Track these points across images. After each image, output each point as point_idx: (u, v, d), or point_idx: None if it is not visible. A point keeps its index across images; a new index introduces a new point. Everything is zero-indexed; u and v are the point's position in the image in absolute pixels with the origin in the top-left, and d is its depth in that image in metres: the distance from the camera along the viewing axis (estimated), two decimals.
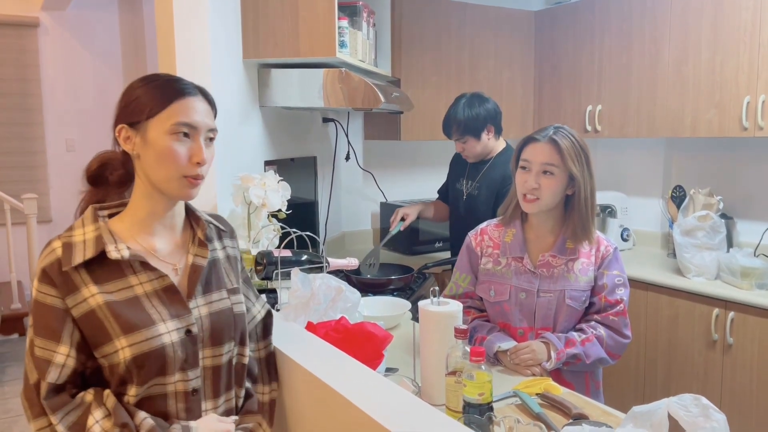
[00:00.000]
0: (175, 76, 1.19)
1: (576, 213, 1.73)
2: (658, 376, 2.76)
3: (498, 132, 2.59)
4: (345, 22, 2.34)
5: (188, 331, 1.14)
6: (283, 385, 1.33)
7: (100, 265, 1.10)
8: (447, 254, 3.10)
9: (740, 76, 2.61)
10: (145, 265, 1.14)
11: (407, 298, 2.36)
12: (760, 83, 2.54)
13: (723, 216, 2.80)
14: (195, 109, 1.14)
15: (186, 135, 1.13)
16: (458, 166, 2.79)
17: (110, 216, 1.18)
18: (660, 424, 1.09)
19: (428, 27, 3.24)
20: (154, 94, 1.13)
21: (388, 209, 3.48)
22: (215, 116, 1.21)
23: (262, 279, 1.92)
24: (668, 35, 2.88)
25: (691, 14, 2.78)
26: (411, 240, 3.30)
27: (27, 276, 4.98)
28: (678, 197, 3.04)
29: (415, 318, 2.17)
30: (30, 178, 5.54)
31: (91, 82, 5.71)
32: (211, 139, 1.18)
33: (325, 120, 3.23)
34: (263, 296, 1.41)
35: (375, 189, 3.55)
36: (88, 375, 1.11)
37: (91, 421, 1.05)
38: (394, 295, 2.38)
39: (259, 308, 1.34)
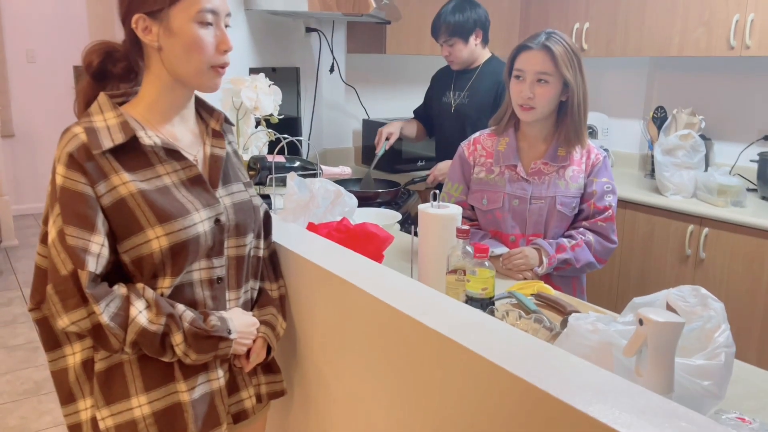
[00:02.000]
0: None
1: (569, 118, 1.75)
2: (630, 288, 2.87)
3: (485, 40, 2.58)
4: None
5: (217, 221, 1.13)
6: (291, 281, 1.34)
7: (125, 153, 1.06)
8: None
9: None
10: (172, 154, 1.10)
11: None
12: (750, 1, 2.54)
13: (702, 137, 2.85)
14: None
15: (208, 22, 1.07)
16: (442, 80, 2.76)
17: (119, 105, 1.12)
18: None
19: None
20: None
21: (370, 126, 3.44)
22: None
23: (256, 184, 1.89)
24: None
25: None
26: (394, 159, 3.28)
27: None
28: (659, 118, 3.08)
29: (404, 229, 2.19)
30: None
31: None
32: (227, 25, 1.12)
33: (308, 30, 3.13)
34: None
35: (357, 105, 3.49)
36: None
37: (134, 311, 1.03)
38: (382, 207, 2.39)
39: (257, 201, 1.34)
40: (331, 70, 3.26)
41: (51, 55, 5.48)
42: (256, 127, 2.09)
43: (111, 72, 1.15)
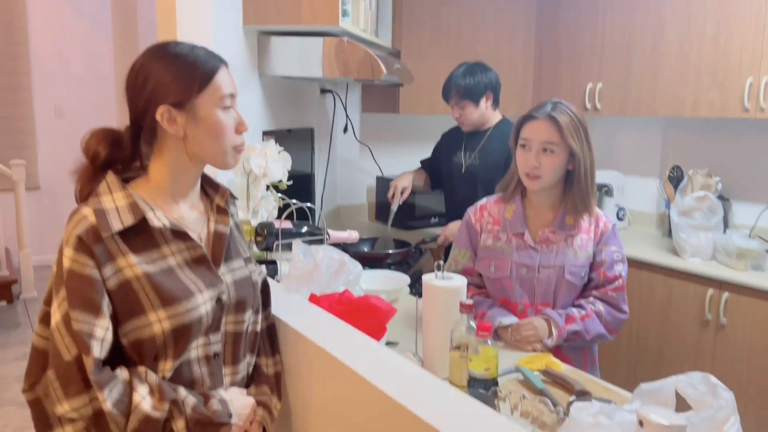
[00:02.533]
0: (197, 45, 1.13)
1: (576, 187, 1.73)
2: (650, 354, 2.78)
3: (496, 103, 2.61)
4: None
5: (218, 300, 1.13)
6: (288, 358, 1.32)
7: (133, 234, 1.06)
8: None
9: (744, 56, 2.59)
10: (178, 235, 1.11)
11: (404, 273, 2.35)
12: (764, 64, 2.53)
13: (720, 197, 2.81)
14: (230, 77, 1.13)
15: (228, 106, 1.12)
16: (453, 139, 2.78)
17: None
18: (667, 401, 1.09)
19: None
20: (195, 69, 1.07)
21: (384, 183, 3.45)
22: None
23: (263, 250, 1.90)
24: (672, 12, 2.85)
25: None
26: (407, 215, 3.28)
27: (15, 243, 4.92)
28: (675, 177, 3.04)
29: (413, 292, 2.17)
30: (18, 144, 5.45)
31: (80, 47, 5.59)
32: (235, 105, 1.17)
33: (323, 91, 3.19)
34: (262, 266, 1.40)
35: (371, 162, 3.51)
36: None
37: (137, 397, 1.01)
38: (391, 269, 2.37)
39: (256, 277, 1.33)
40: (345, 130, 3.30)
41: (78, 111, 5.66)
42: (267, 190, 2.10)
43: (116, 159, 1.14)
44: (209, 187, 1.23)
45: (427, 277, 1.54)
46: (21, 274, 4.74)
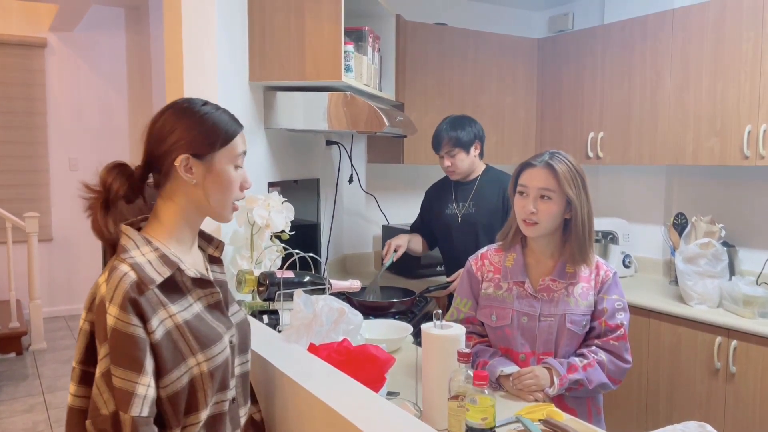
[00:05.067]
0: (221, 106, 1.22)
1: (574, 236, 1.74)
2: (660, 403, 2.73)
3: (482, 153, 2.72)
4: (351, 47, 2.36)
5: (230, 342, 1.19)
6: (285, 408, 1.32)
7: (163, 285, 1.10)
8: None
9: (741, 105, 2.64)
10: (198, 282, 1.17)
11: (409, 322, 2.35)
12: (761, 112, 2.57)
13: (725, 244, 2.80)
14: (244, 140, 1.22)
15: (239, 165, 1.21)
16: (440, 193, 2.86)
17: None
18: None
19: (432, 53, 3.28)
20: (219, 128, 1.16)
21: (390, 232, 3.48)
22: None
23: (265, 300, 1.91)
24: (669, 63, 2.91)
25: (693, 43, 2.81)
26: (413, 263, 3.30)
27: (26, 295, 4.97)
28: (680, 224, 3.05)
29: (417, 341, 2.16)
30: (32, 197, 5.56)
31: (96, 103, 5.77)
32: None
33: (329, 143, 3.26)
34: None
35: (377, 212, 3.55)
36: None
37: None
38: (395, 319, 2.37)
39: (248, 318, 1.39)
40: (350, 180, 3.36)
41: (92, 163, 5.76)
42: (270, 240, 2.13)
43: (126, 194, 1.16)
44: (202, 239, 1.29)
45: (425, 326, 1.54)
46: (31, 325, 4.76)
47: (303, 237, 2.82)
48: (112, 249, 1.13)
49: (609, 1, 3.56)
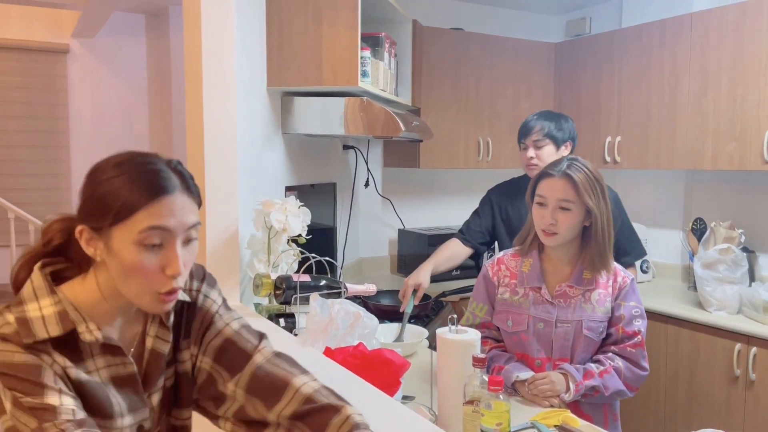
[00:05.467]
0: (156, 162, 0.95)
1: (593, 243, 1.74)
2: (679, 410, 2.70)
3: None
4: (367, 53, 2.38)
5: (140, 427, 1.00)
6: None
7: (59, 343, 0.92)
8: (464, 282, 3.10)
9: (761, 109, 2.61)
10: (108, 349, 0.97)
11: (424, 326, 2.35)
12: None
13: (744, 249, 2.77)
14: (172, 210, 0.91)
15: (154, 244, 0.91)
16: (514, 193, 2.52)
17: (53, 276, 0.97)
18: None
19: (448, 57, 3.29)
20: (115, 196, 0.90)
21: (406, 236, 3.50)
22: (199, 205, 0.98)
23: (281, 303, 1.93)
24: (688, 67, 2.89)
25: (711, 47, 2.79)
26: None
27: None
28: (698, 230, 3.02)
29: (432, 346, 2.17)
30: (54, 200, 5.65)
31: (117, 108, 5.85)
32: (190, 239, 0.96)
33: (346, 147, 3.28)
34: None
35: (393, 216, 3.57)
36: None
37: None
38: (411, 323, 2.38)
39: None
40: (366, 184, 3.37)
41: None
42: (287, 244, 2.15)
43: (64, 251, 1.00)
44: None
45: (440, 331, 1.55)
46: None
47: (319, 241, 2.84)
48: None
49: (627, 5, 3.54)
